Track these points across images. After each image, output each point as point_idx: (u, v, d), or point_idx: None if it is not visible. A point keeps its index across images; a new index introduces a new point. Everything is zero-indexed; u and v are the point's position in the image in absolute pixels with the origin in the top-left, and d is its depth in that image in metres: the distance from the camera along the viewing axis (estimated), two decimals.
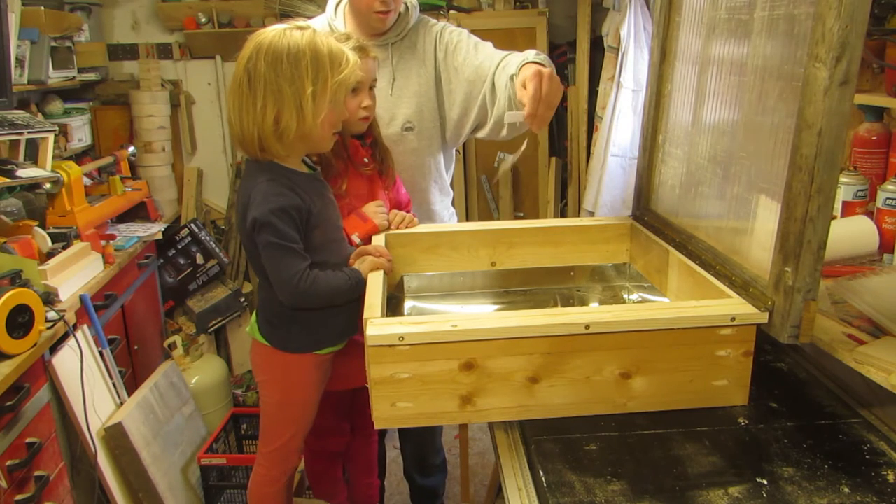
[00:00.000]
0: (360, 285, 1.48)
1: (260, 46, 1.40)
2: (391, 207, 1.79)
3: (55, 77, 2.77)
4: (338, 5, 1.92)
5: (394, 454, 2.66)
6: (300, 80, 1.38)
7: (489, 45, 1.87)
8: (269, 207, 1.41)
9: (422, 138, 1.91)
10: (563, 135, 3.53)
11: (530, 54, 1.64)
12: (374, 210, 1.71)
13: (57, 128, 2.36)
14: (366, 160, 1.73)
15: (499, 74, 1.73)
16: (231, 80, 1.44)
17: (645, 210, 1.78)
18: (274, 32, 1.42)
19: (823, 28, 1.03)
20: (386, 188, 1.80)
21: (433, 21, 1.93)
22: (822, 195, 1.08)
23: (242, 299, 3.21)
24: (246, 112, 1.41)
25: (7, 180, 1.98)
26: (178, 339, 2.87)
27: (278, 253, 1.43)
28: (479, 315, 1.59)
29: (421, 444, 2.26)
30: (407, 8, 1.88)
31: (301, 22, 1.47)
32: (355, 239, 1.66)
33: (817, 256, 1.11)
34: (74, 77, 2.99)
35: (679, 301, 1.48)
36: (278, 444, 1.67)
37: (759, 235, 1.28)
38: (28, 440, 1.70)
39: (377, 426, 1.22)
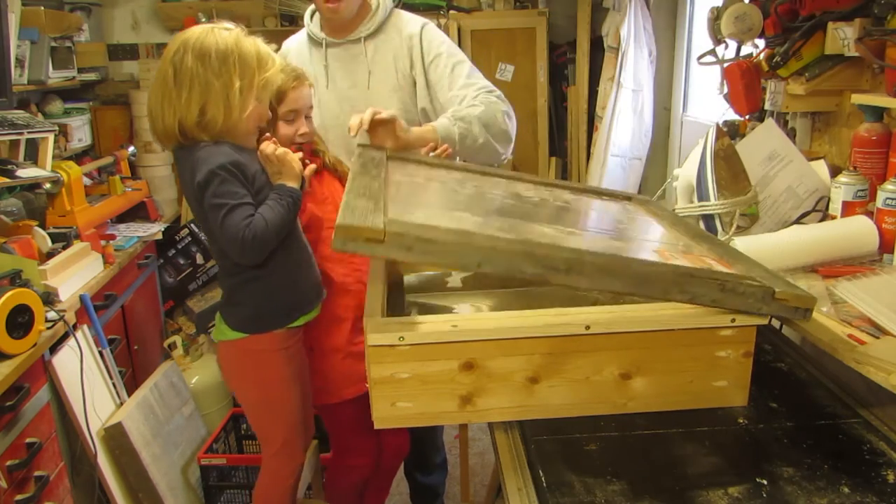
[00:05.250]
0: (296, 201, 1.46)
1: (187, 42, 1.42)
2: None
3: (55, 77, 2.78)
4: (313, 13, 1.95)
5: None
6: (227, 74, 1.41)
7: (463, 73, 1.86)
8: (211, 167, 1.40)
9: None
10: (563, 135, 3.53)
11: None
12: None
13: (57, 128, 2.36)
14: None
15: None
16: (155, 76, 1.46)
17: None
18: (201, 30, 1.45)
19: None
20: None
21: (409, 15, 1.93)
22: None
23: None
24: (168, 104, 1.42)
25: (7, 180, 1.98)
26: (178, 339, 2.87)
27: (222, 210, 1.40)
28: (479, 315, 1.59)
29: (422, 441, 2.26)
30: (378, 1, 1.89)
31: (227, 23, 1.50)
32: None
33: None
34: (74, 77, 2.99)
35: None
36: (278, 445, 1.67)
37: None
38: (28, 440, 1.70)
39: (377, 426, 1.22)
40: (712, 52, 2.08)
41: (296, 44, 2.00)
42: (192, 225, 3.11)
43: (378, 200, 1.18)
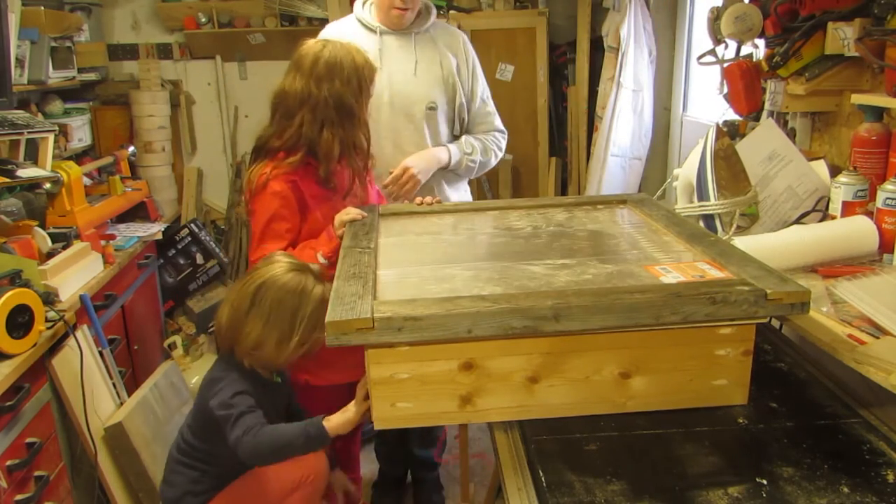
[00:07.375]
0: (318, 440, 1.47)
1: (275, 282, 1.55)
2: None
3: (55, 77, 2.77)
4: (365, 2, 2.13)
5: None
6: (291, 326, 1.56)
7: (489, 101, 2.20)
8: (225, 399, 1.54)
9: (441, 119, 2.11)
10: (563, 135, 3.52)
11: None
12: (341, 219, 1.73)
13: (57, 128, 2.36)
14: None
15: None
16: (238, 294, 1.59)
17: None
18: (291, 275, 1.56)
19: None
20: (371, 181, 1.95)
21: (451, 27, 2.18)
22: None
23: None
24: (237, 323, 1.58)
25: (7, 180, 1.98)
26: (178, 339, 2.87)
27: (234, 418, 1.52)
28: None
29: None
30: (427, 8, 2.13)
31: (313, 265, 1.62)
32: (320, 258, 1.68)
33: None
34: (74, 77, 2.99)
35: None
36: None
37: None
38: (28, 440, 1.70)
39: (377, 426, 1.22)
40: (712, 52, 2.08)
41: (347, 28, 2.11)
42: (191, 225, 3.11)
43: (367, 280, 1.24)
